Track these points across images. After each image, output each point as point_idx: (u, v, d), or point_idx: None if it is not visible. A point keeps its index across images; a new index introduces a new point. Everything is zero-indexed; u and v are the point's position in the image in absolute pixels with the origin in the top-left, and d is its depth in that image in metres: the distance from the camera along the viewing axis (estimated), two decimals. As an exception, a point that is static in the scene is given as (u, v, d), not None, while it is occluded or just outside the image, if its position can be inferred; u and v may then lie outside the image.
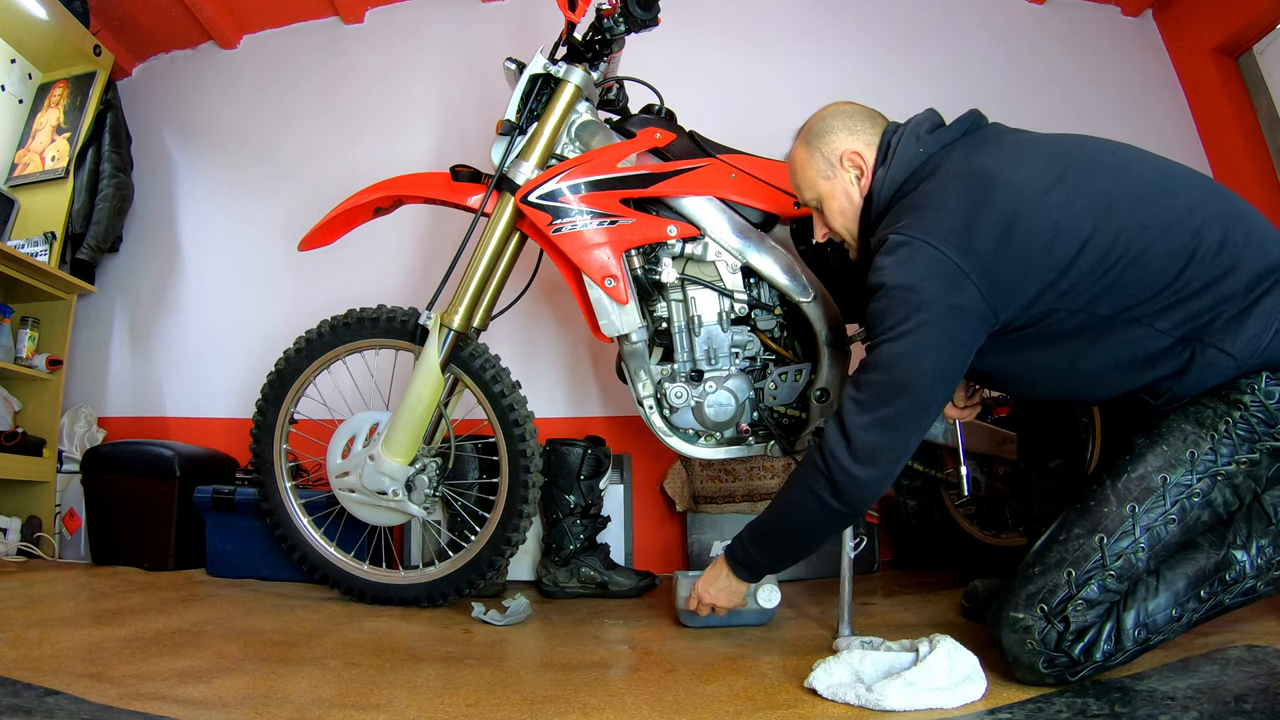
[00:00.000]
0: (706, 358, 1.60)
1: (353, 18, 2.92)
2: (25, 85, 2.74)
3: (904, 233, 1.10)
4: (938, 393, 1.10)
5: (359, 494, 1.71)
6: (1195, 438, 1.03)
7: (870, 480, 1.10)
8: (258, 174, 2.87)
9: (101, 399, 2.79)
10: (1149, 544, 1.00)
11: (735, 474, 2.17)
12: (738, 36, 2.70)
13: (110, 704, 0.99)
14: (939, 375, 1.09)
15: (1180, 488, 1.01)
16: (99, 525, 2.25)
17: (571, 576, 1.94)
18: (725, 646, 1.36)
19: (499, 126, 1.63)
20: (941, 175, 1.15)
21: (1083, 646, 0.98)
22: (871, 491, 1.12)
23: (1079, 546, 1.02)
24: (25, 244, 2.55)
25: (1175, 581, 1.00)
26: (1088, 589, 0.99)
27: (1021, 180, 1.08)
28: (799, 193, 1.35)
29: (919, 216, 1.11)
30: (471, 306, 1.67)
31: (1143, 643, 0.99)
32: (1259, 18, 2.26)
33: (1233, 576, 1.00)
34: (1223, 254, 1.03)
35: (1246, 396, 1.02)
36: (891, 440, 1.10)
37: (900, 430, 1.10)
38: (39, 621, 1.47)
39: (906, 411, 1.09)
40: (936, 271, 1.06)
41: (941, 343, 1.07)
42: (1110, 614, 0.99)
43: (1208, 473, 1.02)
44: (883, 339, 1.10)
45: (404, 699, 1.08)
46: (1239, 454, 1.02)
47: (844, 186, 1.27)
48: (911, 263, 1.08)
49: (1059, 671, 0.99)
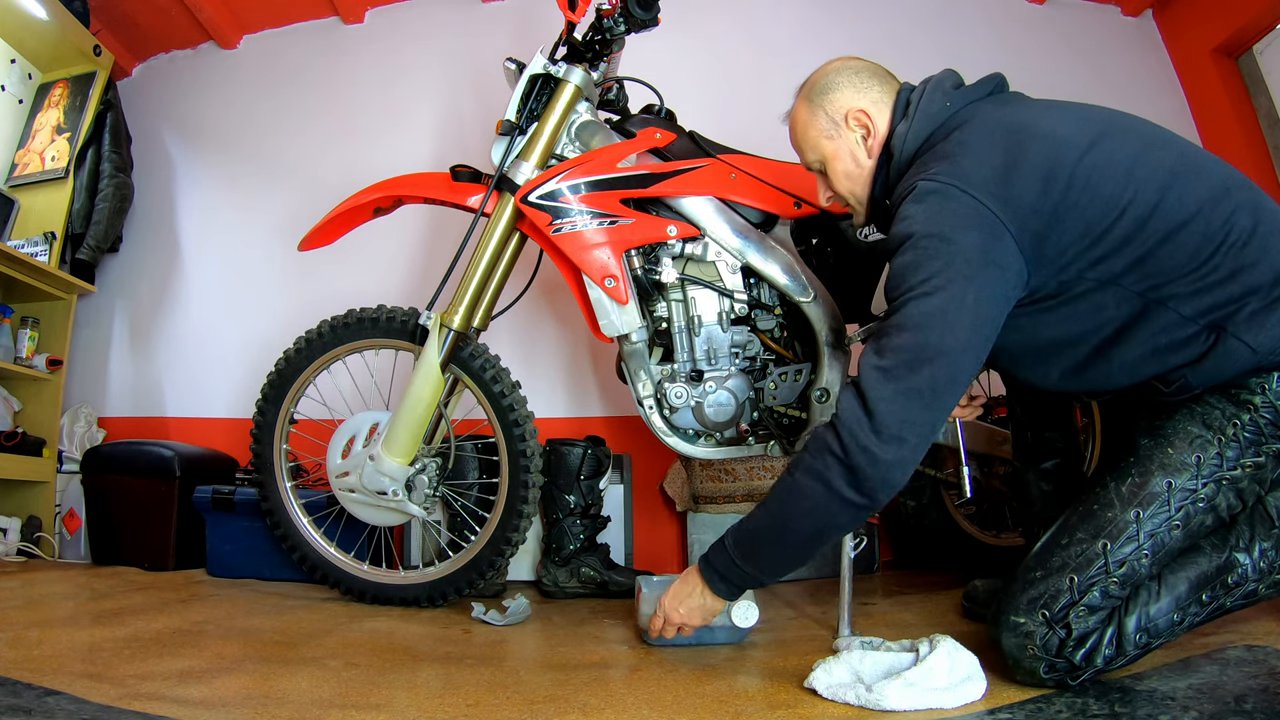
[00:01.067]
0: (706, 358, 1.60)
1: (353, 18, 2.92)
2: (25, 85, 2.74)
3: (936, 179, 1.01)
4: (970, 361, 0.99)
5: (359, 494, 1.71)
6: (1202, 441, 1.01)
7: (895, 462, 0.97)
8: (258, 174, 2.87)
9: (101, 399, 2.79)
10: (1152, 549, 0.98)
11: (735, 474, 2.17)
12: (737, 36, 2.70)
13: (110, 704, 0.99)
14: (974, 339, 0.98)
15: (1185, 493, 0.99)
16: (99, 525, 2.25)
17: (571, 576, 1.94)
18: (725, 647, 1.35)
19: (499, 126, 1.63)
20: (974, 126, 1.06)
21: (1084, 652, 0.97)
22: (895, 476, 0.99)
23: (1082, 551, 0.99)
24: (25, 244, 2.55)
25: (1177, 585, 0.99)
26: (1090, 595, 0.97)
27: (1061, 136, 1.01)
28: (801, 154, 1.27)
29: (953, 163, 1.02)
30: (471, 306, 1.67)
31: (1144, 646, 0.98)
32: (1259, 18, 2.26)
33: (1235, 580, 1.00)
34: (1252, 244, 0.98)
35: (1257, 397, 0.99)
36: (921, 414, 0.97)
37: (931, 403, 0.97)
38: (39, 621, 1.47)
39: (938, 380, 0.97)
40: (974, 221, 0.97)
41: (979, 300, 0.97)
42: (1112, 619, 0.98)
43: (1213, 477, 1.00)
44: (911, 296, 0.98)
45: (404, 699, 1.08)
46: (1245, 457, 1.00)
47: (849, 147, 1.19)
48: (946, 211, 0.98)
49: (1059, 676, 0.98)
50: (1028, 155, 1.00)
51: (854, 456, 0.98)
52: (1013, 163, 1.00)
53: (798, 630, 1.49)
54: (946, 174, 1.01)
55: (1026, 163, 1.00)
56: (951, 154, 1.04)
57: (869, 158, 1.19)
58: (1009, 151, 1.01)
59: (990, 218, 0.97)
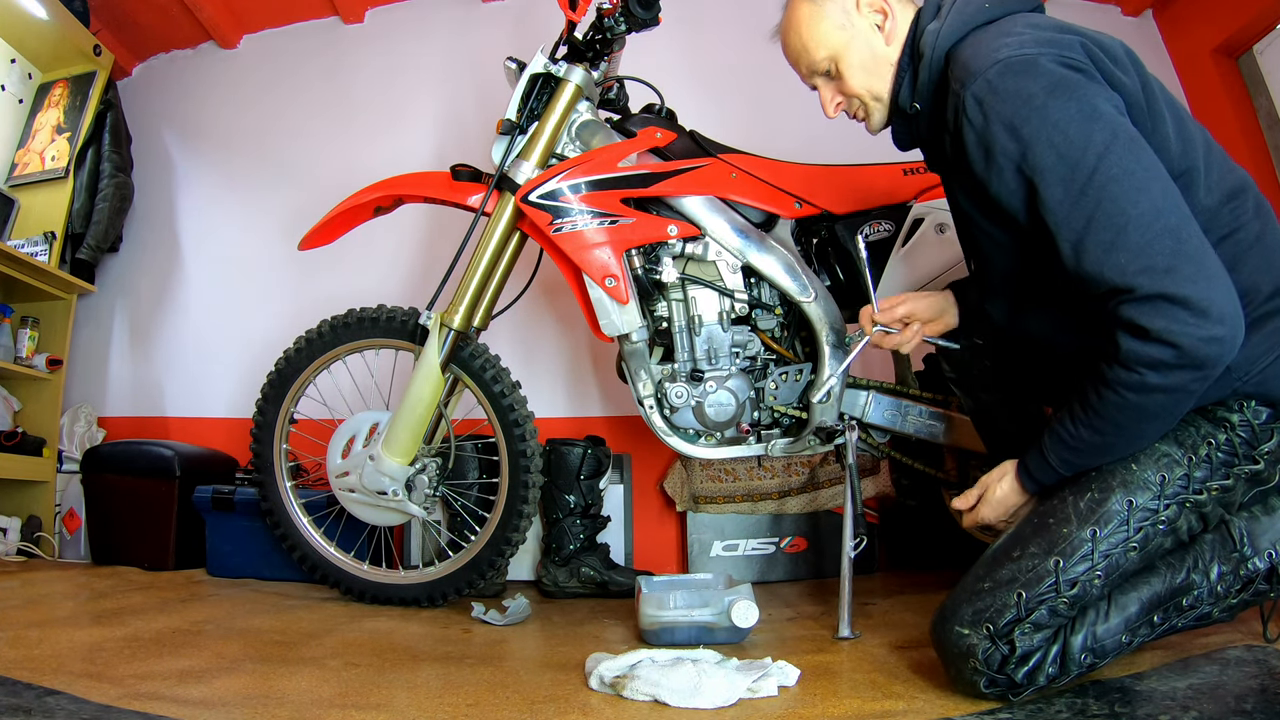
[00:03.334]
0: (707, 357, 1.60)
1: (353, 18, 2.91)
2: (25, 85, 2.74)
3: (1023, 50, 0.91)
4: (1176, 206, 0.89)
5: (359, 494, 1.70)
6: (1169, 460, 0.97)
7: (1231, 333, 0.87)
8: (258, 174, 2.87)
9: (101, 399, 2.79)
10: (1106, 570, 0.94)
11: (735, 474, 2.17)
12: (738, 36, 2.70)
13: (110, 704, 0.99)
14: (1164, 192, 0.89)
15: (1146, 513, 0.95)
16: (99, 525, 2.25)
17: (571, 576, 1.94)
18: (725, 647, 1.35)
19: (499, 126, 1.63)
20: (1020, 20, 0.98)
21: (1026, 670, 0.93)
22: (1235, 334, 0.87)
23: (1033, 567, 0.95)
24: (25, 244, 2.54)
25: (1128, 606, 0.95)
26: (1038, 613, 0.93)
27: (1116, 52, 0.96)
28: (806, 59, 1.14)
29: (1022, 39, 0.93)
30: (472, 306, 1.67)
31: (1089, 666, 0.94)
32: (1259, 18, 2.26)
33: (1189, 602, 0.97)
34: (1257, 248, 0.96)
35: (1235, 415, 0.97)
36: (1193, 269, 0.86)
37: (1200, 270, 0.86)
38: (39, 621, 1.47)
39: (1174, 246, 0.86)
40: (1090, 81, 0.90)
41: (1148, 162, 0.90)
42: (1057, 637, 0.94)
43: (1176, 499, 0.96)
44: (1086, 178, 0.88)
45: (404, 699, 1.08)
46: (1213, 480, 0.97)
47: (865, 34, 1.09)
48: (1059, 82, 0.90)
49: (1000, 691, 0.95)
50: (1092, 53, 0.95)
51: (1194, 353, 0.87)
52: (1082, 52, 0.94)
53: (798, 630, 1.49)
54: (1028, 45, 0.92)
55: (1094, 58, 0.95)
56: (1009, 33, 0.96)
57: (887, 44, 1.10)
58: (1074, 44, 0.94)
59: (1098, 77, 0.93)
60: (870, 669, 1.17)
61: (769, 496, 2.15)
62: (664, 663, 1.08)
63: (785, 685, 1.07)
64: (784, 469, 2.15)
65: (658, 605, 1.37)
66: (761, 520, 2.16)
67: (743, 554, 2.16)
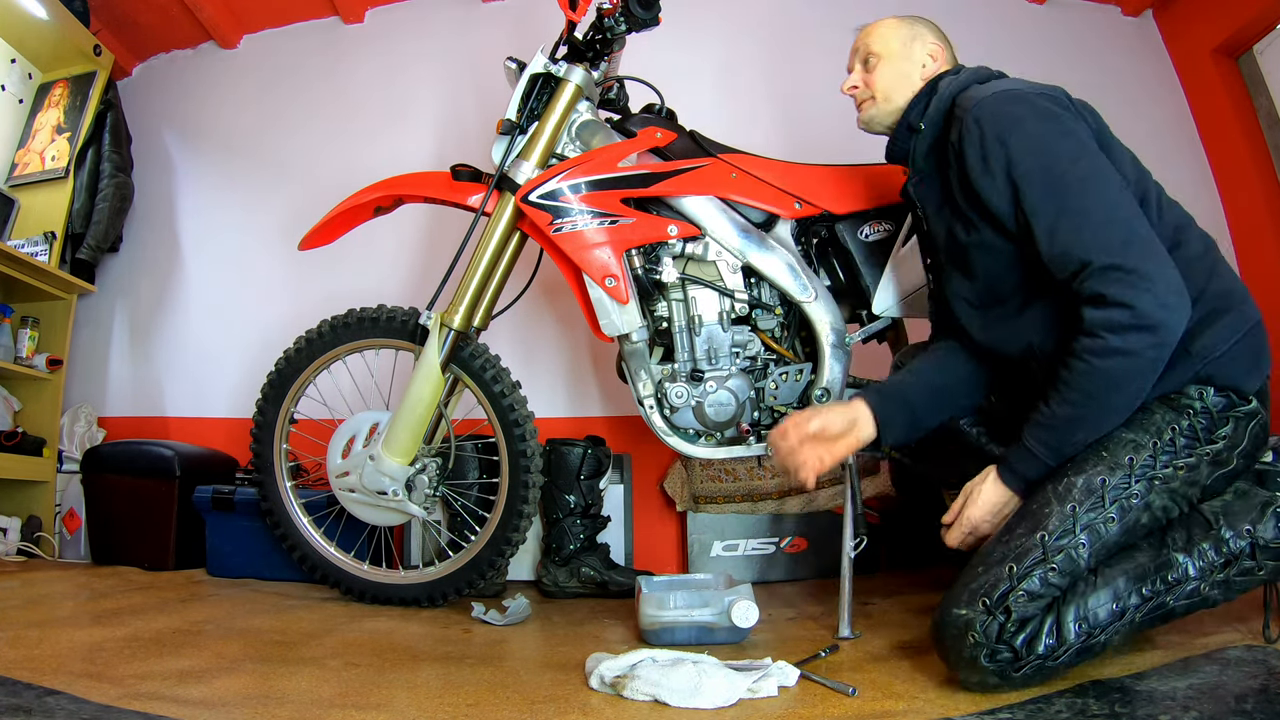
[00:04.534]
0: (707, 357, 1.60)
1: (353, 18, 2.91)
2: (25, 85, 2.74)
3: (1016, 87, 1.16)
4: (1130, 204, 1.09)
5: (359, 494, 1.70)
6: (1135, 445, 1.07)
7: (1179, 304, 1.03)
8: (258, 174, 2.87)
9: (101, 399, 2.79)
10: (1089, 540, 1.02)
11: (735, 474, 2.17)
12: (738, 36, 2.70)
13: (110, 704, 0.99)
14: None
15: (1119, 489, 1.05)
16: (99, 525, 2.25)
17: (571, 576, 1.94)
18: (725, 648, 1.35)
19: (499, 126, 1.63)
20: (1014, 77, 1.24)
21: (1024, 638, 0.98)
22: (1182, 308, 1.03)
23: (1020, 544, 1.03)
24: (25, 244, 2.54)
25: (1114, 578, 1.02)
26: (1029, 580, 1.00)
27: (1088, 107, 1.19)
28: (866, 48, 1.37)
29: (1015, 82, 1.19)
30: (472, 306, 1.67)
31: (1085, 637, 0.99)
32: (1259, 18, 2.26)
33: (1175, 577, 1.02)
34: (1205, 258, 1.12)
35: (1196, 403, 1.08)
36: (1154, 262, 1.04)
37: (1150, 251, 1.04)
38: (39, 621, 1.47)
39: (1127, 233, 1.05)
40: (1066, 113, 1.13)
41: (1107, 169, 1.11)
42: (1052, 608, 1.00)
43: (1145, 475, 1.05)
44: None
45: (404, 699, 1.08)
46: (1178, 459, 1.06)
47: (911, 60, 1.33)
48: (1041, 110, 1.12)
49: (1002, 666, 0.98)
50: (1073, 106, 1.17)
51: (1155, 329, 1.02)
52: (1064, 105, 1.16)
53: (798, 630, 1.49)
54: (1017, 85, 1.17)
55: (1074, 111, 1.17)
56: (1000, 79, 1.24)
57: (920, 78, 1.33)
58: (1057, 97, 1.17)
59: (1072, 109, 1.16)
60: (871, 669, 1.17)
61: (769, 496, 2.15)
62: (664, 663, 1.08)
63: (785, 685, 1.07)
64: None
65: (658, 605, 1.37)
66: (762, 520, 2.16)
67: (743, 554, 2.16)
